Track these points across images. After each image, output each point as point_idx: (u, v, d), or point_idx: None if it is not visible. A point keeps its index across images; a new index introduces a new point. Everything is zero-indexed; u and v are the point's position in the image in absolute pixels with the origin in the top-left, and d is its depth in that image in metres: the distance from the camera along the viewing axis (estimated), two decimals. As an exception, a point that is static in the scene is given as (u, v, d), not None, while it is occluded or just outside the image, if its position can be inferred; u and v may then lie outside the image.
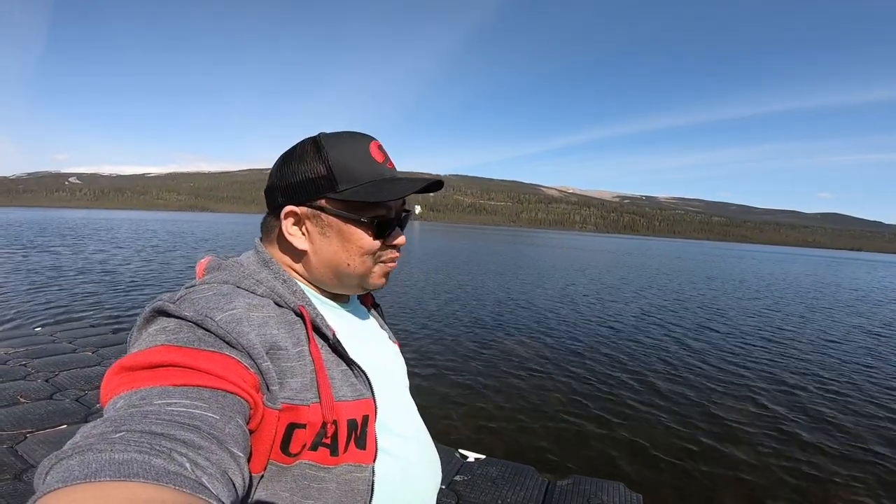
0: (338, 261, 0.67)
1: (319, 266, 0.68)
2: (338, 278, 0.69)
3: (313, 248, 0.67)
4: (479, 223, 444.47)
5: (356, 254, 0.66)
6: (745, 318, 9.84)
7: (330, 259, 0.67)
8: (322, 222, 0.65)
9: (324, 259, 0.67)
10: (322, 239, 0.66)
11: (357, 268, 0.67)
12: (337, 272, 0.68)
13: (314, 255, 0.67)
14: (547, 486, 2.69)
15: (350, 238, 0.66)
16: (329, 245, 0.66)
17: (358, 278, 0.69)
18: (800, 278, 23.12)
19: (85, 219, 54.63)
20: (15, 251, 15.32)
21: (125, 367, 0.46)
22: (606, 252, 39.60)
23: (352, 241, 0.66)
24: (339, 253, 0.66)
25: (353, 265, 0.67)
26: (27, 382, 3.55)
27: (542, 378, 5.23)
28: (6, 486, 2.22)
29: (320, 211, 0.65)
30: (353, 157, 0.65)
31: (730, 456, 3.67)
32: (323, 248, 0.66)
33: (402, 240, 0.71)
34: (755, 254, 66.35)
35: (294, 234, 0.66)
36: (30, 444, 2.62)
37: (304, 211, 0.65)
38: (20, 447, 2.58)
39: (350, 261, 0.67)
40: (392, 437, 0.67)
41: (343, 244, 0.66)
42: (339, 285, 0.70)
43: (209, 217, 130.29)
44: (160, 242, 22.75)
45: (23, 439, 2.68)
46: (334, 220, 0.65)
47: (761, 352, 7.02)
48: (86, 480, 0.31)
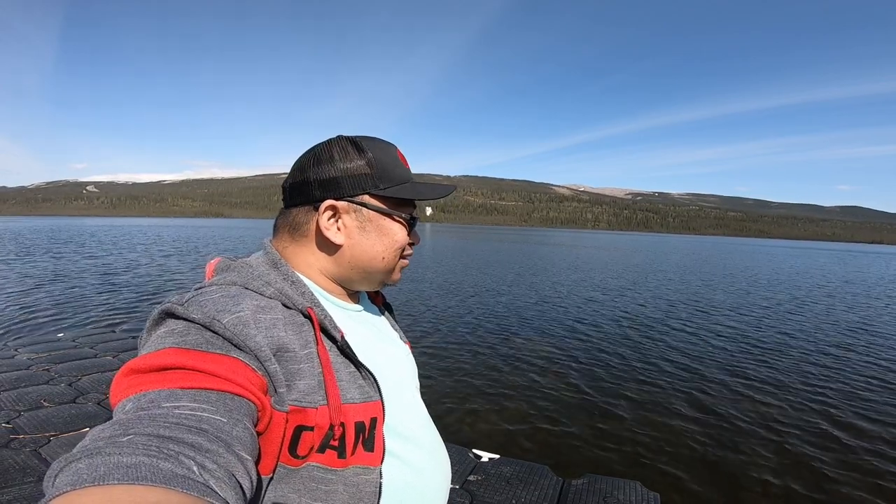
0: (373, 254, 0.69)
1: (352, 260, 0.69)
2: (366, 273, 0.70)
3: (350, 242, 0.68)
4: (490, 224, 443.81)
5: (391, 248, 0.70)
6: (764, 315, 9.64)
7: (366, 252, 0.68)
8: (363, 217, 0.67)
9: (359, 253, 0.68)
10: (360, 233, 0.68)
11: (390, 262, 0.71)
12: (368, 267, 0.70)
13: (349, 250, 0.68)
14: (562, 486, 2.65)
15: (388, 233, 0.69)
16: (367, 239, 0.68)
17: (384, 273, 0.72)
18: (822, 272, 22.61)
19: (103, 226, 55.84)
20: (36, 259, 15.69)
21: (134, 369, 0.46)
22: (620, 250, 39.18)
23: (389, 236, 0.69)
24: (377, 246, 0.69)
25: (387, 258, 0.70)
26: (50, 387, 3.60)
27: (555, 376, 5.18)
28: (30, 488, 2.25)
29: (362, 206, 0.67)
30: (390, 159, 0.69)
31: (750, 455, 3.58)
32: (361, 241, 0.68)
33: (418, 237, 0.77)
34: (771, 249, 65.15)
35: (330, 229, 0.66)
36: (53, 447, 2.66)
37: (345, 205, 0.66)
38: (44, 450, 2.61)
39: (385, 254, 0.69)
40: (400, 440, 0.67)
41: (381, 238, 0.69)
42: (364, 281, 0.72)
43: (224, 223, 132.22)
44: (178, 248, 23.12)
45: (46, 442, 2.71)
46: (375, 214, 0.68)
47: (786, 350, 6.85)
48: (94, 484, 0.31)
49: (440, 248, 29.54)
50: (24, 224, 60.04)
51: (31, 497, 2.17)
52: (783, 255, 42.16)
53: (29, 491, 2.22)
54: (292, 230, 0.69)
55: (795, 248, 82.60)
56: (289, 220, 0.69)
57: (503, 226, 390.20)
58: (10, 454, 2.53)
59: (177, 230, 49.55)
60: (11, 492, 2.20)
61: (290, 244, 0.69)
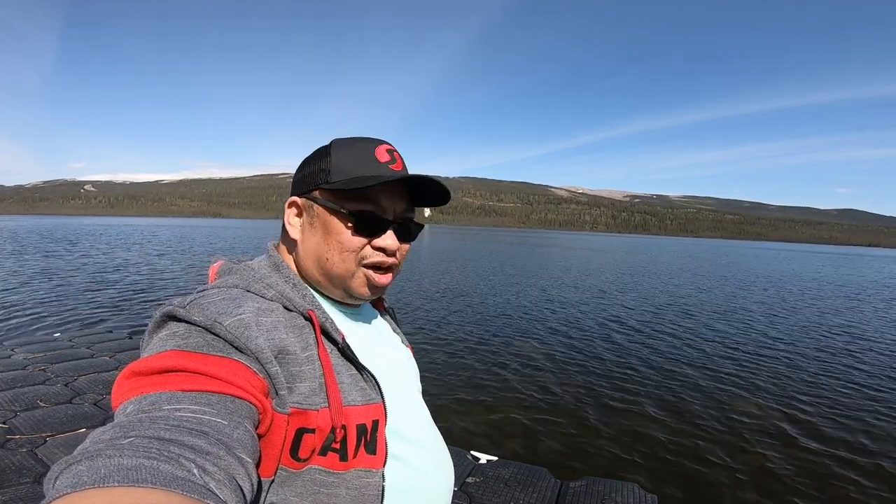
0: (319, 254, 0.65)
1: (306, 259, 0.67)
2: (323, 276, 0.67)
3: (302, 237, 0.67)
4: (488, 225, 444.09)
5: (335, 249, 0.64)
6: (763, 318, 9.67)
7: (313, 251, 0.66)
8: (313, 212, 0.66)
9: (308, 251, 0.67)
10: (310, 230, 0.66)
11: (336, 265, 0.65)
12: (320, 268, 0.66)
13: (301, 246, 0.67)
14: (560, 488, 2.66)
15: (331, 230, 0.64)
16: (314, 236, 0.66)
17: (339, 279, 0.66)
18: (824, 276, 22.69)
19: (101, 225, 55.63)
20: (32, 258, 15.63)
21: (136, 371, 0.47)
22: (619, 252, 39.25)
23: (332, 234, 0.64)
24: (321, 245, 0.65)
25: (332, 260, 0.65)
26: (47, 387, 3.59)
27: (554, 379, 5.19)
28: (26, 489, 2.24)
29: (313, 202, 0.66)
30: (355, 155, 0.65)
31: (748, 457, 3.59)
32: (309, 238, 0.66)
33: (391, 244, 0.66)
34: (768, 251, 65.32)
35: (293, 225, 0.68)
36: (49, 448, 2.65)
37: (302, 201, 0.67)
38: (40, 451, 2.60)
39: (329, 255, 0.65)
40: (403, 442, 0.66)
41: (325, 236, 0.65)
42: (326, 285, 0.68)
43: (222, 223, 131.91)
44: (173, 248, 23.06)
45: (42, 443, 2.70)
46: (321, 210, 0.65)
47: (784, 353, 6.87)
48: (94, 486, 0.31)
49: (438, 250, 29.54)
50: (20, 223, 59.81)
51: (27, 498, 2.16)
52: (781, 258, 42.28)
53: (25, 491, 2.21)
54: (282, 229, 0.72)
55: (793, 250, 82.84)
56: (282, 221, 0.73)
57: (501, 227, 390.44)
58: (5, 454, 2.52)
59: (174, 230, 49.42)
60: (7, 492, 2.19)
61: (280, 244, 0.72)
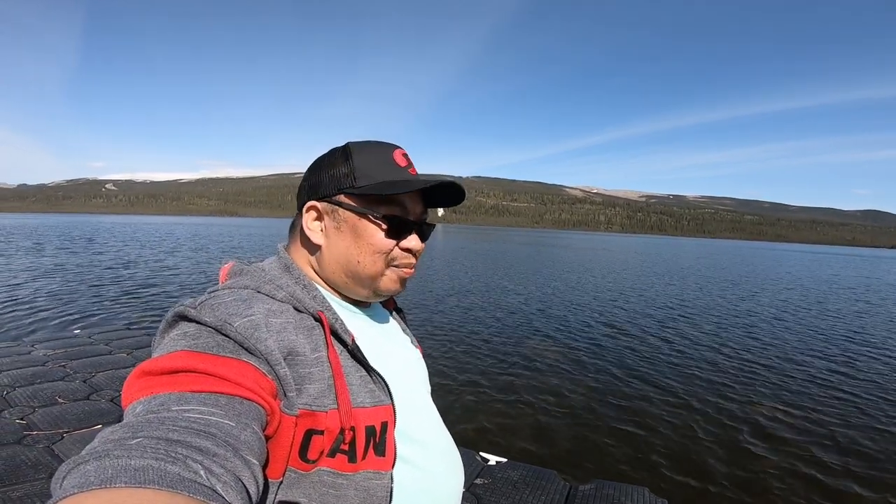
0: (349, 257, 0.66)
1: (332, 263, 0.67)
2: (350, 278, 0.68)
3: (327, 242, 0.67)
4: (501, 225, 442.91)
5: (367, 251, 0.66)
6: (786, 322, 9.42)
7: (342, 255, 0.66)
8: (339, 217, 0.66)
9: (336, 255, 0.67)
10: (336, 234, 0.66)
11: (367, 267, 0.66)
12: (348, 270, 0.67)
13: (327, 251, 0.67)
14: (569, 491, 2.63)
15: (362, 234, 0.66)
16: (342, 240, 0.66)
17: (369, 279, 0.67)
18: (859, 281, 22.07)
19: (122, 224, 56.86)
20: (57, 255, 16.01)
21: (146, 371, 0.47)
22: (634, 252, 38.73)
23: (363, 238, 0.66)
24: (351, 249, 0.66)
25: (363, 263, 0.66)
26: (66, 383, 3.64)
27: (565, 380, 5.13)
28: (41, 484, 2.26)
29: (338, 206, 0.66)
30: (376, 159, 0.67)
31: (760, 463, 3.53)
32: (336, 242, 0.66)
33: (417, 244, 0.70)
34: (789, 253, 63.87)
35: (313, 230, 0.67)
36: (66, 444, 2.67)
37: (324, 206, 0.67)
38: (56, 447, 2.63)
39: (360, 258, 0.66)
40: (412, 444, 0.66)
41: (355, 240, 0.66)
42: (353, 286, 0.69)
43: (238, 221, 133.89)
44: (193, 246, 23.43)
45: (59, 439, 2.73)
46: (350, 214, 0.66)
47: (803, 356, 6.68)
48: (101, 486, 0.32)
49: (450, 249, 29.51)
50: (41, 221, 61.44)
51: (42, 494, 2.18)
52: (804, 260, 41.28)
53: (40, 487, 2.23)
54: (292, 231, 0.72)
55: (815, 252, 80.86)
56: (293, 223, 0.73)
57: (515, 227, 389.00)
58: (22, 450, 2.54)
59: (193, 228, 50.26)
60: (23, 488, 2.21)
61: (292, 246, 0.72)
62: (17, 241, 22.91)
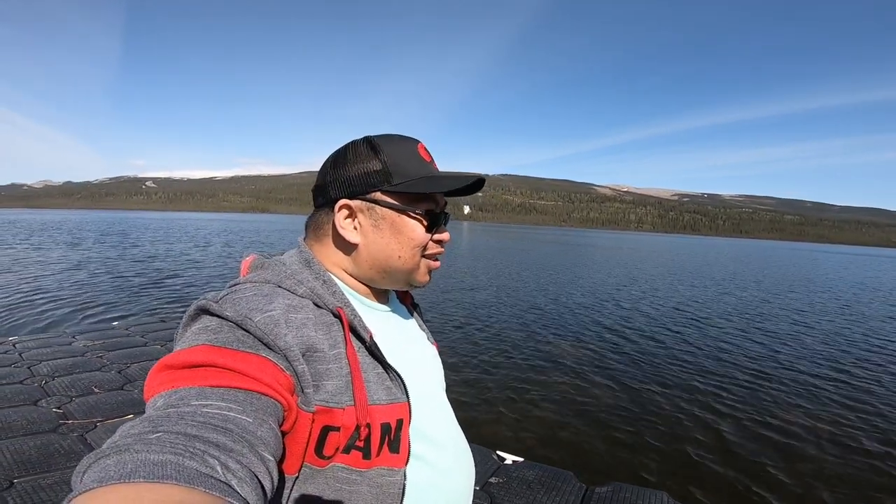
0: (389, 253, 0.67)
1: (369, 259, 0.67)
2: (386, 273, 0.68)
3: (365, 241, 0.67)
4: (528, 223, 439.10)
5: (408, 246, 0.67)
6: (817, 327, 8.93)
7: (381, 251, 0.67)
8: (376, 215, 0.66)
9: (375, 252, 0.67)
10: (375, 231, 0.66)
11: (408, 261, 0.68)
12: (386, 266, 0.68)
13: (365, 249, 0.67)
14: (585, 492, 2.58)
15: (403, 230, 0.67)
16: (381, 237, 0.66)
17: (406, 273, 0.69)
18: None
19: (161, 219, 59.16)
20: (104, 250, 16.76)
21: (168, 364, 0.48)
22: (665, 252, 37.65)
23: (404, 233, 0.67)
24: (392, 245, 0.67)
25: (404, 258, 0.67)
26: (102, 373, 3.76)
27: (586, 380, 5.04)
28: (72, 473, 2.31)
29: (374, 203, 0.66)
30: (405, 155, 0.67)
31: (787, 473, 3.38)
32: (375, 240, 0.67)
33: (446, 236, 0.72)
34: (832, 255, 60.80)
35: (346, 228, 0.66)
36: (98, 433, 2.75)
37: (358, 204, 0.66)
38: (90, 435, 2.71)
39: (402, 252, 0.67)
40: (426, 442, 0.66)
41: (396, 236, 0.67)
42: (386, 281, 0.70)
43: (268, 218, 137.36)
44: (228, 241, 24.14)
45: (93, 428, 2.81)
46: (388, 212, 0.66)
47: (853, 365, 6.30)
48: (120, 481, 0.32)
49: (475, 247, 29.38)
50: (91, 217, 64.47)
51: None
52: (843, 262, 39.24)
53: (70, 476, 2.28)
54: (316, 230, 0.71)
55: (857, 254, 76.77)
56: (314, 221, 0.71)
57: (542, 225, 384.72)
58: (57, 438, 2.63)
59: (226, 224, 51.82)
60: (54, 476, 2.28)
61: (315, 244, 0.71)
62: (68, 236, 24.12)
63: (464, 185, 0.67)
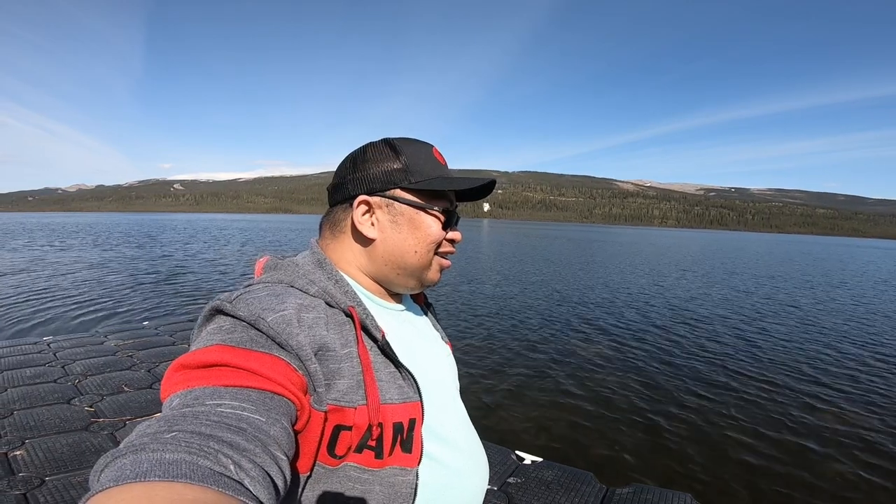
0: (406, 248, 0.69)
1: (385, 255, 0.69)
2: (401, 268, 0.70)
3: (382, 236, 0.68)
4: (549, 220, 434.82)
5: (424, 242, 0.69)
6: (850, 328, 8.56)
7: (398, 247, 0.69)
8: (395, 211, 0.68)
9: (391, 247, 0.69)
10: (392, 227, 0.68)
11: (423, 257, 0.70)
12: (401, 262, 0.69)
13: (382, 244, 0.69)
14: (605, 494, 2.52)
15: (420, 226, 0.69)
16: (399, 233, 0.68)
17: (420, 269, 0.70)
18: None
19: (188, 220, 60.80)
20: (136, 253, 17.33)
21: (184, 364, 0.49)
22: (697, 249, 36.72)
23: (422, 229, 0.69)
24: (409, 240, 0.68)
25: (420, 253, 0.69)
26: (132, 372, 3.87)
27: (608, 381, 4.94)
28: (106, 471, 2.39)
29: (394, 200, 0.68)
30: (423, 156, 0.70)
31: (811, 476, 3.26)
32: (392, 236, 0.68)
33: (459, 236, 0.75)
34: (866, 250, 58.25)
35: (364, 224, 0.68)
36: (127, 431, 2.82)
37: (377, 200, 0.68)
38: (119, 433, 2.78)
39: (418, 248, 0.69)
40: (438, 442, 0.67)
41: (413, 232, 0.69)
42: (400, 277, 0.71)
43: (289, 218, 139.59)
44: (251, 241, 24.65)
45: (122, 426, 2.89)
46: (407, 208, 0.68)
47: (868, 365, 6.02)
48: (136, 480, 0.33)
49: (494, 244, 29.24)
50: (114, 219, 66.70)
51: (105, 480, 2.30)
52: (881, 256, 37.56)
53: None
54: (332, 227, 0.72)
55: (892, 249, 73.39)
56: (330, 218, 0.72)
57: (562, 222, 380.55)
58: (88, 436, 2.70)
59: (253, 223, 52.92)
60: (85, 473, 2.33)
61: (331, 241, 0.72)
62: (100, 238, 25.00)
63: (478, 186, 0.71)
